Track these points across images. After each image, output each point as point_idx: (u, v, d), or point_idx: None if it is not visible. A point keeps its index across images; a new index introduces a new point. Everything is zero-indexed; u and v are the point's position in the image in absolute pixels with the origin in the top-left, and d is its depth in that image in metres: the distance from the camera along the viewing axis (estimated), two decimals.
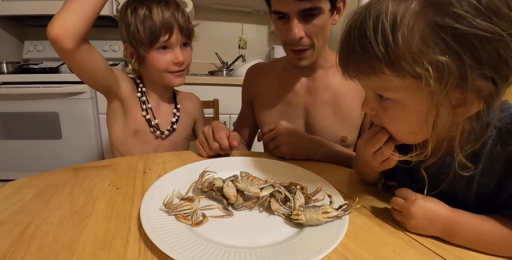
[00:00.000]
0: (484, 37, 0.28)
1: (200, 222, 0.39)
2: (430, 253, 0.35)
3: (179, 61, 0.74)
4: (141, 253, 0.33)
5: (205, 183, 0.46)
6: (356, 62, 0.35)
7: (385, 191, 0.53)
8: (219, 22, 2.25)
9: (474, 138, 0.34)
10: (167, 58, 0.73)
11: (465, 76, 0.30)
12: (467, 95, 0.32)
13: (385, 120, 0.39)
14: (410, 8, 0.30)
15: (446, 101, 0.32)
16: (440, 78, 0.30)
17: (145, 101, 0.79)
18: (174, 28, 0.71)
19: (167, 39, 0.71)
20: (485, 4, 0.28)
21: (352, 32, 0.34)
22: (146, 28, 0.69)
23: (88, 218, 0.40)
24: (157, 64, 0.73)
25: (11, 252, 0.33)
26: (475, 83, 0.30)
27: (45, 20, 1.94)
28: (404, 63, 0.31)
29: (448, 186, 0.39)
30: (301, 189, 0.45)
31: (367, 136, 0.45)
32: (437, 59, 0.30)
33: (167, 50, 0.73)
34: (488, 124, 0.34)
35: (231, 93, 1.65)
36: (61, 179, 0.53)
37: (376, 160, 0.44)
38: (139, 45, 0.71)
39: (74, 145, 1.58)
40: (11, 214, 0.41)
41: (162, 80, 0.76)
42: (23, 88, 1.46)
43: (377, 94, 0.38)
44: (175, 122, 0.83)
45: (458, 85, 0.31)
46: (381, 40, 0.31)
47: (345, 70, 0.38)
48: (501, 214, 0.37)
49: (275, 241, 0.36)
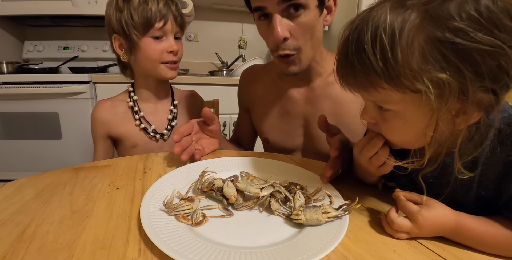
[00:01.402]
0: (485, 51, 0.28)
1: (200, 222, 0.39)
2: (430, 253, 0.35)
3: (173, 50, 0.72)
4: (141, 253, 0.33)
5: (205, 183, 0.46)
6: (355, 76, 0.35)
7: (385, 191, 0.53)
8: (219, 22, 2.24)
9: (473, 146, 0.34)
10: (161, 46, 0.72)
11: (466, 90, 0.30)
12: (467, 107, 0.31)
13: (384, 130, 0.39)
14: (409, 21, 0.30)
15: (446, 114, 0.32)
16: (441, 94, 0.30)
17: (137, 111, 0.79)
18: (168, 16, 0.71)
19: (162, 26, 0.70)
20: (486, 16, 0.28)
21: (350, 46, 0.34)
22: (140, 12, 0.68)
23: (88, 218, 0.40)
24: (150, 52, 0.71)
25: (11, 252, 0.33)
26: (475, 96, 0.30)
27: (45, 20, 1.96)
28: (403, 79, 0.30)
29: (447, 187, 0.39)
30: (301, 189, 0.45)
31: (362, 142, 0.44)
32: (438, 76, 0.29)
33: (161, 39, 0.72)
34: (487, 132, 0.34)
35: (231, 93, 1.64)
36: (61, 179, 0.53)
37: (372, 165, 0.44)
38: (131, 32, 0.69)
39: (74, 145, 1.58)
40: (11, 214, 0.41)
41: (156, 71, 0.74)
42: (23, 88, 1.46)
43: (377, 106, 0.38)
44: (172, 119, 0.82)
45: (459, 98, 0.30)
46: (380, 56, 0.30)
47: (344, 82, 0.38)
48: (503, 216, 0.37)
49: (275, 241, 0.36)
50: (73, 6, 1.64)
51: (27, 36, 2.00)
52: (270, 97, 0.79)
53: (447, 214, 0.37)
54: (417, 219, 0.36)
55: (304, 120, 0.76)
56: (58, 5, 1.64)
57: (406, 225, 0.37)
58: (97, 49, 1.95)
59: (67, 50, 1.93)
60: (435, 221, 0.36)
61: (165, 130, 0.81)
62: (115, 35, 0.73)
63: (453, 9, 0.28)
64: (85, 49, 1.93)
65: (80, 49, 1.93)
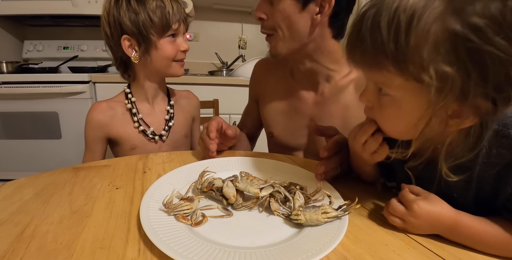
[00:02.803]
0: (497, 56, 0.27)
1: (199, 222, 0.39)
2: (429, 253, 0.35)
3: (185, 49, 0.78)
4: (140, 253, 0.33)
5: (205, 183, 0.46)
6: (362, 53, 0.34)
7: (384, 191, 0.53)
8: (219, 22, 2.25)
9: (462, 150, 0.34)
10: (176, 45, 0.76)
11: (467, 92, 0.29)
12: (464, 109, 0.31)
13: (378, 116, 0.39)
14: (432, 8, 0.29)
15: (441, 111, 0.32)
16: (442, 89, 0.30)
17: (136, 113, 0.79)
18: (181, 18, 0.75)
19: (177, 27, 0.75)
20: (509, 20, 0.27)
21: (365, 21, 0.33)
22: (159, 15, 0.71)
23: (88, 218, 0.40)
24: (167, 51, 0.75)
25: (10, 252, 0.32)
26: (475, 100, 0.30)
27: (45, 20, 1.95)
28: (410, 65, 0.30)
29: (446, 188, 0.39)
30: (301, 189, 0.45)
31: (356, 129, 0.45)
32: (444, 69, 0.29)
33: (175, 38, 0.76)
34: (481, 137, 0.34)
35: (231, 93, 1.65)
36: (60, 178, 0.53)
37: (366, 151, 0.44)
38: (149, 33, 0.72)
39: (73, 144, 1.58)
40: (11, 214, 0.41)
41: (169, 70, 0.78)
42: (22, 88, 1.46)
43: (377, 89, 0.37)
44: (169, 120, 0.83)
45: (458, 98, 0.30)
46: (393, 37, 0.30)
47: (350, 57, 0.37)
48: (502, 217, 0.37)
49: (274, 241, 0.36)
50: (73, 6, 1.64)
51: (27, 36, 2.00)
52: (280, 92, 0.80)
53: (445, 209, 0.37)
54: (412, 207, 0.37)
55: (310, 121, 0.76)
56: (58, 4, 1.64)
57: (400, 209, 0.38)
58: (97, 49, 1.95)
59: (67, 50, 1.93)
60: (432, 214, 0.37)
61: (163, 130, 0.81)
62: (125, 36, 0.72)
63: (479, 5, 0.27)
64: (85, 49, 1.94)
65: (80, 49, 1.94)
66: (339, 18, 0.65)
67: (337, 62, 0.71)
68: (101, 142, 0.79)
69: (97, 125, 0.77)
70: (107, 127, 0.77)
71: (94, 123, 0.77)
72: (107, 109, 0.78)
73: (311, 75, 0.73)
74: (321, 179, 0.49)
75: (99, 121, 0.77)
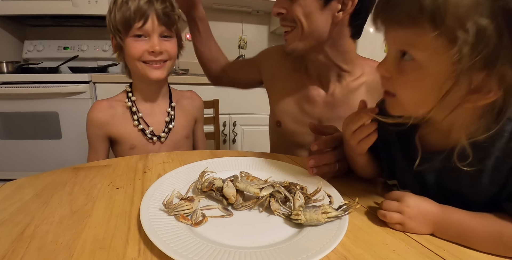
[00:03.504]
0: None
1: (199, 222, 0.39)
2: (429, 253, 0.35)
3: (154, 51, 0.70)
4: (140, 253, 0.33)
5: (205, 183, 0.46)
6: (395, 7, 0.33)
7: (385, 191, 0.53)
8: (219, 22, 2.24)
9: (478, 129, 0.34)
10: (141, 45, 0.70)
11: (496, 58, 0.29)
12: (488, 81, 0.31)
13: (398, 84, 0.38)
14: None
15: (464, 80, 0.31)
16: (475, 46, 0.29)
17: (136, 112, 0.79)
18: (149, 15, 0.69)
19: (141, 25, 0.68)
20: None
21: None
22: (121, 14, 0.68)
23: (88, 218, 0.40)
24: (131, 51, 0.71)
25: (10, 252, 0.33)
26: (502, 68, 0.29)
27: (45, 20, 1.95)
28: (447, 20, 0.29)
29: (456, 184, 0.39)
30: (301, 189, 0.45)
31: (352, 115, 0.46)
32: (481, 24, 0.28)
33: (143, 38, 0.71)
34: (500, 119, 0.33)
35: (231, 93, 1.64)
36: (60, 178, 0.53)
37: (354, 139, 0.46)
38: (116, 33, 0.70)
39: (74, 144, 1.58)
40: (11, 214, 0.41)
41: (138, 71, 0.73)
42: (23, 88, 1.46)
43: (400, 54, 0.36)
44: (169, 121, 0.82)
45: (485, 65, 0.29)
46: None
47: (380, 15, 0.36)
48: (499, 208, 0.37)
49: (274, 241, 0.36)
50: (73, 6, 1.64)
51: (27, 36, 2.00)
52: (292, 84, 0.79)
53: (431, 202, 0.40)
54: (404, 198, 0.40)
55: (319, 121, 0.76)
56: (58, 5, 1.63)
57: (394, 203, 0.40)
58: (97, 49, 1.95)
59: (67, 50, 1.93)
60: (420, 205, 0.39)
61: (162, 132, 0.80)
62: (111, 35, 0.74)
63: None
64: (85, 49, 1.93)
65: (80, 49, 1.93)
66: (360, 17, 0.64)
67: (351, 62, 0.71)
68: (103, 140, 0.79)
69: (97, 124, 0.77)
70: (107, 126, 0.77)
71: (94, 122, 0.77)
72: (108, 108, 0.78)
73: (323, 72, 0.72)
74: (313, 173, 0.50)
75: (99, 120, 0.77)
